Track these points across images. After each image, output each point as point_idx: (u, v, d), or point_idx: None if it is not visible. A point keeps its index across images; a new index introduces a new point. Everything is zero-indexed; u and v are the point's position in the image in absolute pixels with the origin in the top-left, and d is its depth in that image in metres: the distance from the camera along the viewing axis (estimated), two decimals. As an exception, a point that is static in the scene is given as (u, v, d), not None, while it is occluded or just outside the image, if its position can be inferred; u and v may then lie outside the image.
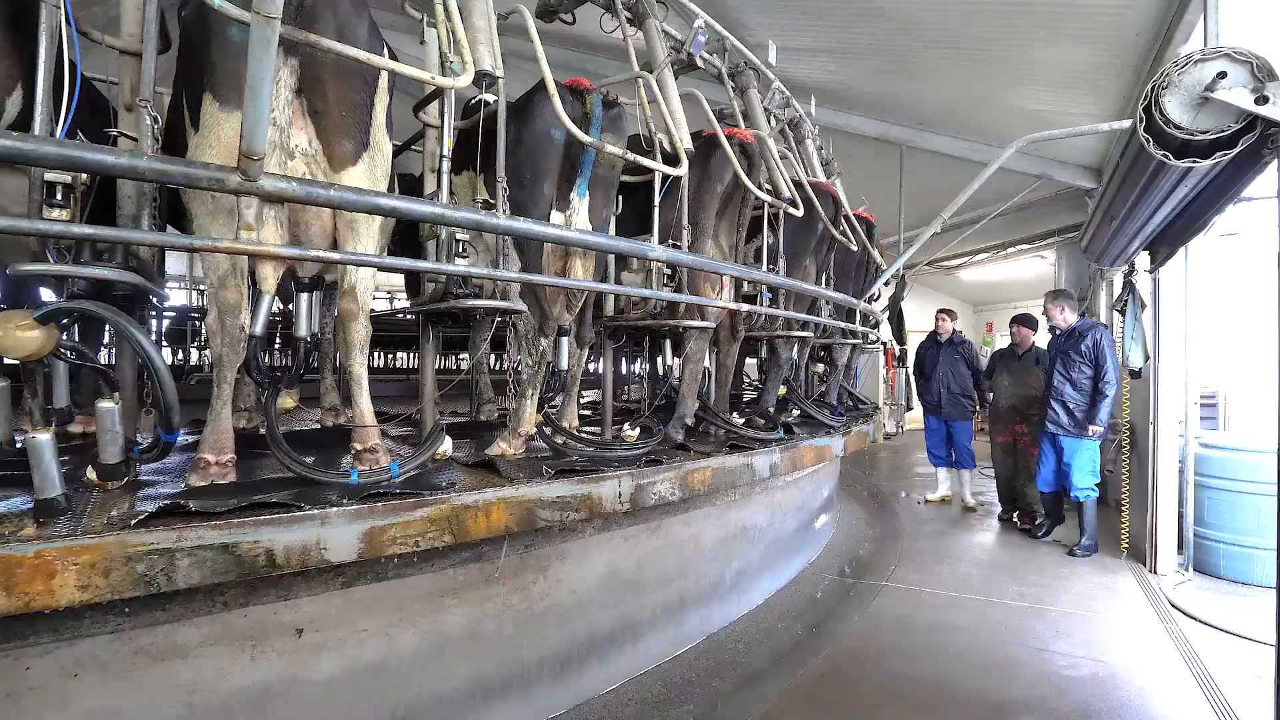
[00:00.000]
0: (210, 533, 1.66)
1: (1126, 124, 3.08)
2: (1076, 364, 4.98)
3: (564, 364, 3.04)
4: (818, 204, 4.40)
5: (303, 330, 2.20)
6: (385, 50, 2.19)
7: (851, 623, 3.73)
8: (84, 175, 1.74)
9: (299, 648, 1.97)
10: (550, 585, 2.71)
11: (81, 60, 1.87)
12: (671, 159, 3.18)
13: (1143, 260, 4.97)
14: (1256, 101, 2.44)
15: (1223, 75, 2.51)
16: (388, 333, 10.25)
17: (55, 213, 1.62)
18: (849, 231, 5.00)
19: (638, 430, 3.70)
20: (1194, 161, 2.66)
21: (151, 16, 1.96)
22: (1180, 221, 3.81)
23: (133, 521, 1.58)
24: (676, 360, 4.54)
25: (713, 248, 3.71)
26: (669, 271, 3.29)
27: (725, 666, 3.15)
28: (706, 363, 4.34)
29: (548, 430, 3.12)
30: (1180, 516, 4.78)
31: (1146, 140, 2.75)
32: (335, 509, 1.87)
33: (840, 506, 6.41)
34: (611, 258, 3.30)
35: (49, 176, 1.62)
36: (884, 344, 8.20)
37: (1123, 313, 4.90)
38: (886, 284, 7.13)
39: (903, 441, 11.42)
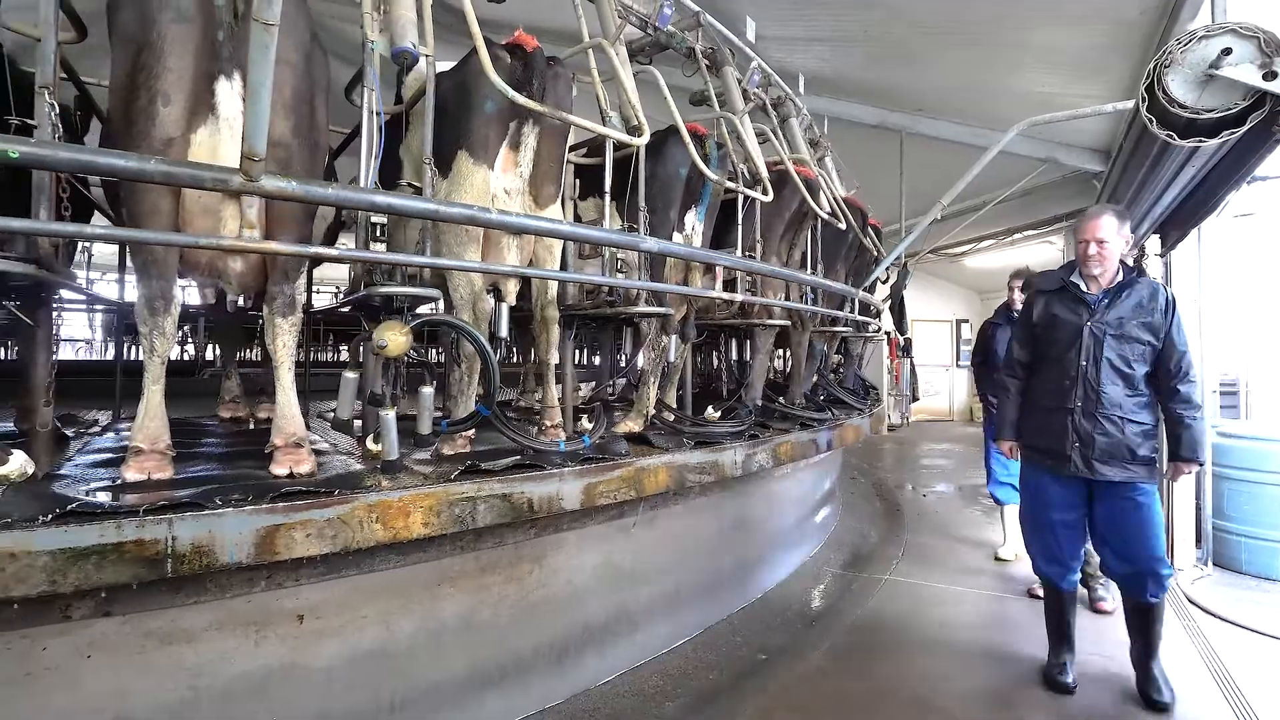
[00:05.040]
0: (497, 485, 2.12)
1: (1130, 105, 2.94)
2: (1139, 346, 2.58)
3: (672, 356, 3.55)
4: (851, 218, 4.96)
5: (503, 332, 2.66)
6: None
7: (853, 616, 3.55)
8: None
9: (300, 634, 1.97)
10: (546, 575, 2.62)
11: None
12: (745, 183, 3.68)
13: (1153, 244, 4.66)
14: (1265, 77, 2.28)
15: (1228, 51, 2.34)
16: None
17: (378, 246, 2.08)
18: (873, 239, 5.59)
19: (719, 413, 4.22)
20: (1200, 141, 2.51)
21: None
22: (1189, 203, 3.62)
23: (452, 475, 2.05)
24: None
25: (775, 259, 4.24)
26: (749, 279, 3.81)
27: (724, 659, 3.02)
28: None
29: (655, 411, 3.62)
30: (1198, 509, 4.46)
31: (1150, 120, 2.60)
32: (568, 469, 2.33)
33: (842, 499, 6.08)
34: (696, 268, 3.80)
35: (374, 219, 2.08)
36: (887, 334, 8.71)
37: None
38: (885, 280, 7.50)
39: (907, 434, 10.95)
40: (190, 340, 10.18)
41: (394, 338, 1.81)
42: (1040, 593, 3.59)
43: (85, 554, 1.49)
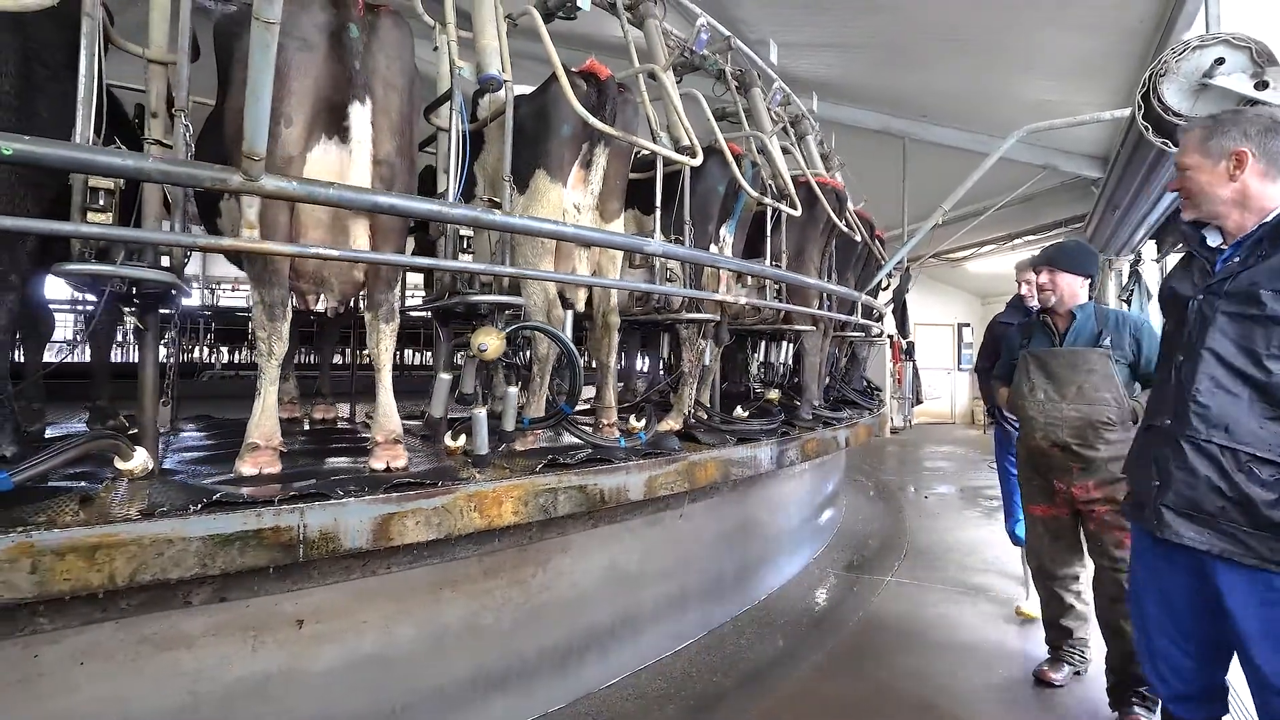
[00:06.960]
0: (574, 478, 2.24)
1: (1127, 113, 2.99)
2: None
3: (707, 359, 3.70)
4: (862, 229, 5.15)
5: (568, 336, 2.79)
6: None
7: (855, 618, 3.51)
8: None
9: (299, 639, 1.94)
10: (550, 578, 2.56)
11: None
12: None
13: (1150, 249, 4.68)
14: (1256, 87, 2.31)
15: (1221, 61, 2.38)
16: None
17: (465, 258, 2.20)
18: (878, 248, 5.77)
19: (747, 412, 4.36)
20: (1194, 149, 2.54)
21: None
22: (1184, 209, 3.72)
23: (537, 468, 2.18)
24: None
25: (812, 267, 4.41)
26: (777, 287, 3.97)
27: (727, 662, 2.99)
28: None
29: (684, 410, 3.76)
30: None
31: (1145, 128, 2.64)
32: (632, 463, 2.46)
33: (845, 501, 6.07)
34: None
35: (461, 231, 2.19)
36: (890, 337, 8.85)
37: (1129, 303, 4.76)
38: (886, 286, 7.64)
39: (910, 436, 10.96)
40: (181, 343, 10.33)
41: (492, 341, 1.93)
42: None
43: (230, 540, 1.60)
